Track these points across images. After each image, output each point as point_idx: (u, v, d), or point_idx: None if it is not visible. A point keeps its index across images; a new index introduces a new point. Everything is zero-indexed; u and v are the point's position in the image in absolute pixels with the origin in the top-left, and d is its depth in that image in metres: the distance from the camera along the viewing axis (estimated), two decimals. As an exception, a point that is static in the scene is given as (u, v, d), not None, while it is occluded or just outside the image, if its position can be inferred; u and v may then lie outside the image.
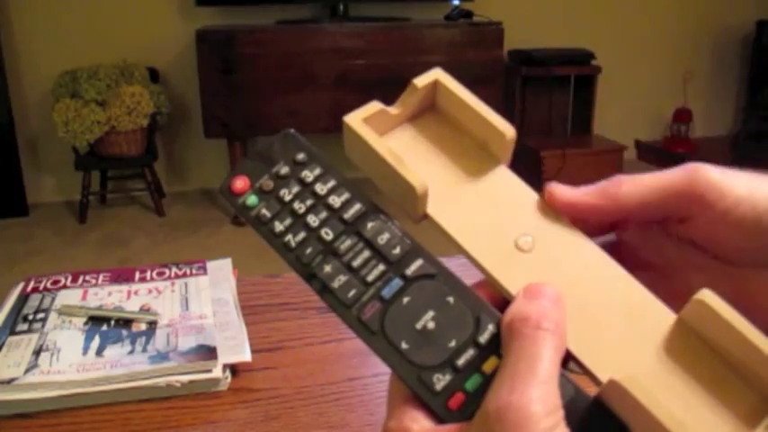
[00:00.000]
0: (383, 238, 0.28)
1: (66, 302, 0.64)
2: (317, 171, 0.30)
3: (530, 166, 3.26)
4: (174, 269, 0.71)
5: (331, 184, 0.30)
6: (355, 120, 0.29)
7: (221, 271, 0.71)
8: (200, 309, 0.64)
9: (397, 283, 0.28)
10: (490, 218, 0.30)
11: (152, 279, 0.69)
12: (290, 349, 0.61)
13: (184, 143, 3.31)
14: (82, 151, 2.88)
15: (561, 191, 0.30)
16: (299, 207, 0.29)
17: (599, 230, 0.31)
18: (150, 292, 0.67)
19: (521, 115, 3.42)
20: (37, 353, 0.56)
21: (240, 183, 0.30)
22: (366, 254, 0.28)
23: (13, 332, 0.59)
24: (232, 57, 2.74)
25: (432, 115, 0.32)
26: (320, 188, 0.30)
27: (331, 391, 0.55)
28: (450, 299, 0.27)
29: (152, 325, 0.61)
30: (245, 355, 0.57)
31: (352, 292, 0.27)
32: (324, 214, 0.29)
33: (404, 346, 0.26)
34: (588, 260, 0.29)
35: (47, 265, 2.50)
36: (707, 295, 0.26)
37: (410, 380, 0.26)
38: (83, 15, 3.03)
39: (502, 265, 0.28)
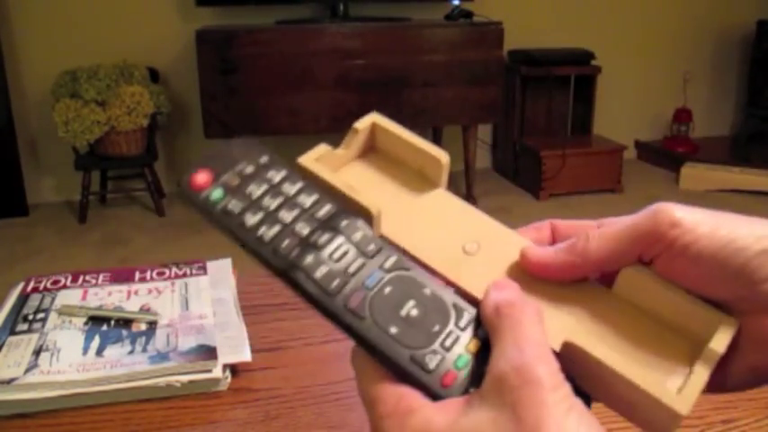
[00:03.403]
0: (357, 235, 0.30)
1: (66, 302, 0.64)
2: (283, 173, 0.31)
3: (530, 166, 3.26)
4: (174, 269, 0.71)
5: (299, 185, 0.31)
6: (308, 160, 0.32)
7: (221, 271, 0.71)
8: (200, 309, 0.64)
9: (378, 274, 0.29)
10: (438, 232, 0.33)
11: (152, 279, 0.69)
12: (290, 349, 0.61)
13: (184, 143, 3.31)
14: (82, 151, 2.88)
15: (533, 253, 0.32)
16: (270, 204, 0.30)
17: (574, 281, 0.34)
18: (150, 292, 0.67)
19: (521, 115, 3.42)
20: (37, 353, 0.56)
21: (202, 178, 0.29)
22: (344, 247, 0.29)
23: (13, 332, 0.59)
24: (232, 57, 2.74)
25: (374, 153, 0.36)
26: (288, 188, 0.30)
27: (331, 391, 0.55)
28: (427, 290, 0.29)
29: (152, 325, 0.61)
30: (245, 355, 0.57)
31: (335, 282, 0.28)
32: (296, 211, 0.30)
33: (393, 330, 0.27)
34: None
35: (47, 265, 2.50)
36: (636, 268, 0.30)
37: (403, 360, 0.27)
38: (83, 15, 3.03)
39: (455, 269, 0.32)
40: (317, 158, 0.33)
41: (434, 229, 0.33)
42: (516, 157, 3.39)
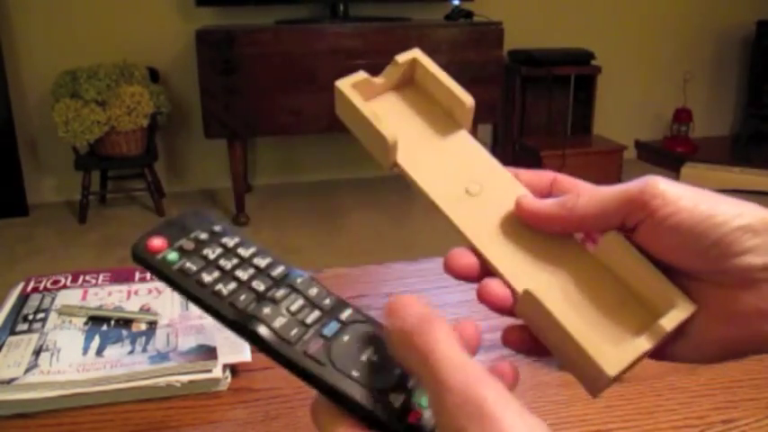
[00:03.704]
0: (313, 291, 0.31)
1: (66, 302, 0.64)
2: (237, 239, 0.32)
3: (530, 166, 3.22)
4: (174, 269, 0.71)
5: (253, 249, 0.32)
6: (345, 84, 0.34)
7: (221, 271, 0.71)
8: (200, 309, 0.64)
9: (335, 324, 0.30)
10: (447, 169, 0.35)
11: (152, 279, 0.69)
12: (290, 349, 0.61)
13: (184, 143, 3.30)
14: (82, 151, 2.88)
15: (527, 201, 0.34)
16: (226, 264, 0.31)
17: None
18: (150, 292, 0.67)
19: (521, 115, 3.42)
20: (37, 353, 0.56)
21: (158, 242, 0.31)
22: (300, 301, 0.30)
23: (13, 332, 0.59)
24: (232, 57, 2.74)
25: (411, 87, 0.37)
26: (243, 252, 0.32)
27: (331, 391, 0.54)
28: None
29: (152, 325, 0.61)
30: (245, 355, 0.57)
31: (294, 331, 0.29)
32: (252, 271, 0.31)
33: (354, 373, 0.28)
34: None
35: (47, 265, 2.50)
36: (617, 235, 0.32)
37: (367, 401, 0.27)
38: (83, 15, 3.03)
39: (454, 206, 0.34)
40: (354, 84, 0.34)
41: (445, 167, 0.35)
42: (516, 157, 3.39)
